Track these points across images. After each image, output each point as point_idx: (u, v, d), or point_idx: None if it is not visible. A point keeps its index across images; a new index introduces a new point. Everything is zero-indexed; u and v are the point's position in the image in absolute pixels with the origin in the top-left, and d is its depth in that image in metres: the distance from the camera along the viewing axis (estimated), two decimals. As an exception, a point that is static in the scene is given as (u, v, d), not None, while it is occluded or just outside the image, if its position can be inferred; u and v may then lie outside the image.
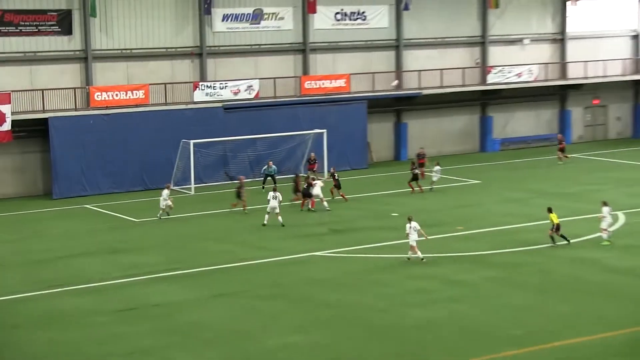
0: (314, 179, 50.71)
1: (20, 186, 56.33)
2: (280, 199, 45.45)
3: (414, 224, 38.54)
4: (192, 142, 56.32)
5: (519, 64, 70.11)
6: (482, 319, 30.80)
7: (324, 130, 60.44)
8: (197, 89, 59.01)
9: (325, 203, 49.22)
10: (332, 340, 29.02)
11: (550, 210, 40.60)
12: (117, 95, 56.85)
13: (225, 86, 59.83)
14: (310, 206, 49.03)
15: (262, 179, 56.53)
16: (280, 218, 45.20)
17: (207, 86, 59.32)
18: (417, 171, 54.38)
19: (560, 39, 73.34)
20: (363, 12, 65.54)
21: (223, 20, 60.91)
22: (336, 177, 52.07)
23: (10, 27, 55.25)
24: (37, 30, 55.90)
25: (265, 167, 56.39)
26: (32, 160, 56.49)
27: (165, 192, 48.35)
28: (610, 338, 28.64)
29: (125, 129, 56.58)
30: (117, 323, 31.30)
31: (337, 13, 64.72)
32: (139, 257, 40.53)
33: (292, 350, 28.33)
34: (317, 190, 49.34)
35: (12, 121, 53.33)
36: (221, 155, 59.02)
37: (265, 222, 45.40)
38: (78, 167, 55.58)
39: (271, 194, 45.66)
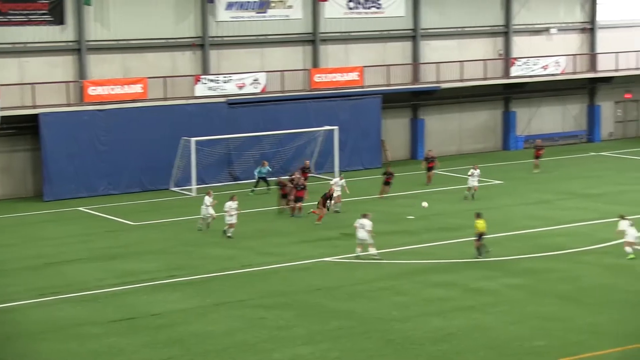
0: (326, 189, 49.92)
1: (8, 187, 56.46)
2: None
3: (364, 221, 39.37)
4: (193, 139, 56.45)
5: (545, 56, 70.11)
6: (504, 329, 30.88)
7: (336, 127, 60.52)
8: (199, 82, 59.15)
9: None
10: (342, 353, 29.11)
11: (478, 216, 40.07)
12: (113, 89, 57.01)
13: (230, 80, 59.97)
14: (299, 211, 48.98)
15: (255, 181, 56.40)
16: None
17: (209, 80, 59.46)
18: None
19: (589, 29, 73.33)
20: (377, 0, 65.61)
21: (227, 8, 61.01)
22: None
23: (-1, 16, 55.58)
24: (27, 19, 56.06)
25: (259, 167, 56.18)
26: (21, 160, 56.67)
27: (208, 199, 46.40)
28: (641, 350, 28.78)
29: (121, 125, 56.69)
30: (114, 334, 31.39)
31: (350, 1, 64.79)
32: (136, 264, 40.68)
33: (300, 363, 28.50)
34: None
35: (0, 117, 53.51)
36: (224, 154, 59.16)
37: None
38: (71, 166, 55.71)
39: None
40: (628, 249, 39.82)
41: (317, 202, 48.15)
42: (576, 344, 29.23)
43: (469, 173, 52.91)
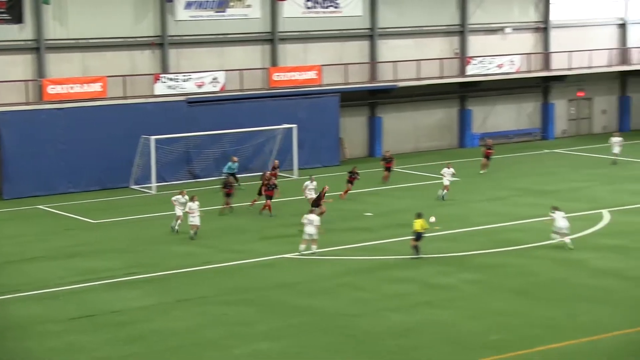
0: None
1: (-32, 186, 56.00)
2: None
3: (311, 217, 39.66)
4: (152, 138, 56.19)
5: (499, 55, 70.44)
6: (462, 324, 30.99)
7: (294, 125, 60.51)
8: (159, 81, 58.87)
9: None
10: (303, 348, 29.11)
11: (418, 216, 39.33)
12: (72, 88, 56.62)
13: (189, 78, 59.74)
14: (269, 210, 48.33)
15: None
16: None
17: (169, 78, 59.20)
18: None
19: (543, 28, 73.77)
20: (335, 0, 65.59)
21: (186, 8, 60.76)
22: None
23: (-44, 15, 55.07)
24: (-15, 18, 55.68)
25: (229, 163, 56.13)
26: (-19, 158, 56.20)
27: (180, 198, 44.76)
28: (595, 342, 28.92)
29: (81, 124, 56.27)
30: (74, 332, 31.19)
31: (308, 0, 64.74)
32: (97, 261, 40.39)
33: (261, 358, 28.38)
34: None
35: (-40, 116, 53.09)
36: (184, 152, 58.91)
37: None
38: (30, 165, 55.19)
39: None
40: (567, 239, 40.45)
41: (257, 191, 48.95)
42: (531, 338, 29.40)
43: (442, 172, 52.73)
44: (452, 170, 52.59)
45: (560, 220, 40.75)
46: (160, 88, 58.78)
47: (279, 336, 30.22)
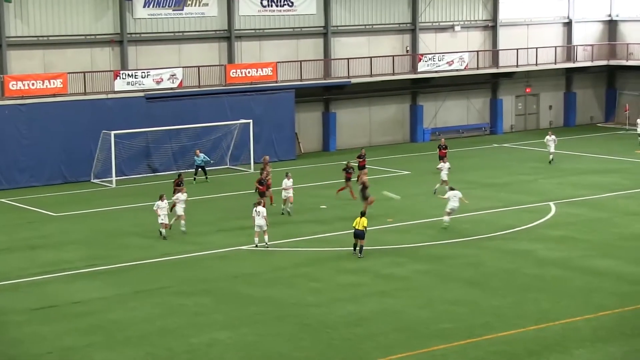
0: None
1: None
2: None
3: (259, 208, 39.53)
4: (113, 133, 55.87)
5: (450, 52, 70.68)
6: (413, 313, 31.10)
7: (250, 121, 60.39)
8: (118, 77, 58.48)
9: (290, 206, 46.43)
10: (259, 337, 29.07)
11: (362, 214, 38.58)
12: (33, 84, 56.07)
13: (148, 75, 59.39)
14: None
15: (194, 170, 56.36)
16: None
17: (128, 75, 58.80)
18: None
19: (492, 26, 74.11)
20: (290, -2, 65.57)
21: (144, 6, 60.40)
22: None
23: None
24: (-53, 16, 54.99)
25: (195, 157, 56.03)
26: (-57, 153, 55.57)
27: (161, 203, 42.06)
28: (541, 330, 29.12)
29: (42, 119, 55.82)
30: (35, 322, 30.96)
31: (264, -1, 64.68)
32: (57, 253, 40.11)
33: (218, 347, 28.32)
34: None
35: None
36: (144, 147, 58.61)
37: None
38: (-7, 159, 54.82)
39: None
40: (446, 218, 42.17)
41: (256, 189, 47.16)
42: (481, 326, 29.55)
43: (439, 166, 52.00)
44: (448, 164, 51.74)
45: (454, 200, 42.17)
46: (119, 84, 58.38)
47: (236, 325, 30.15)
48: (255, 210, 39.90)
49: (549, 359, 27.04)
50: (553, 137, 60.57)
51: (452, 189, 43.36)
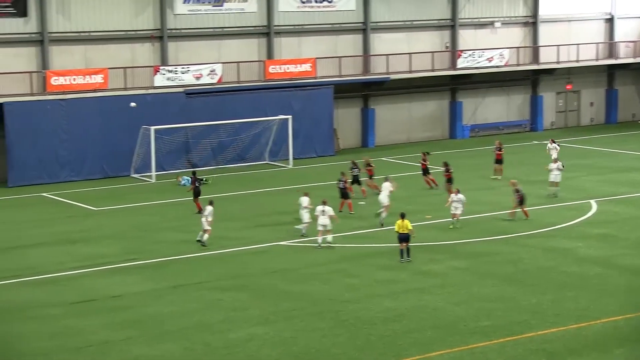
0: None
1: (-28, 174, 55.70)
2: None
3: (325, 207, 39.08)
4: (152, 128, 55.93)
5: (489, 48, 70.14)
6: (451, 310, 30.76)
7: (289, 117, 60.23)
8: (158, 73, 58.56)
9: (384, 214, 43.32)
10: (296, 333, 28.88)
11: (402, 217, 37.11)
12: (74, 79, 56.33)
13: (187, 70, 59.43)
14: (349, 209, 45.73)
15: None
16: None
17: (168, 70, 58.89)
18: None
19: (532, 22, 73.44)
20: (329, -5, 65.32)
21: (185, 2, 60.42)
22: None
23: (-38, 9, 54.65)
24: (-9, 12, 55.29)
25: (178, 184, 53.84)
26: (-15, 147, 55.90)
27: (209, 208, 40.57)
28: (581, 329, 28.70)
29: (83, 114, 56.09)
30: (72, 315, 31.00)
31: (303, -5, 64.45)
32: (96, 248, 40.17)
33: (255, 342, 28.14)
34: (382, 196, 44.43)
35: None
36: (183, 142, 58.68)
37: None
38: (34, 154, 55.04)
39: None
40: (382, 214, 42.68)
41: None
42: (519, 324, 29.17)
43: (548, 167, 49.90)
44: (558, 164, 49.29)
45: (384, 196, 42.95)
46: (159, 80, 58.48)
47: (273, 321, 29.98)
48: (322, 210, 39.26)
49: (589, 358, 26.60)
50: (555, 144, 56.93)
51: (458, 192, 42.58)
